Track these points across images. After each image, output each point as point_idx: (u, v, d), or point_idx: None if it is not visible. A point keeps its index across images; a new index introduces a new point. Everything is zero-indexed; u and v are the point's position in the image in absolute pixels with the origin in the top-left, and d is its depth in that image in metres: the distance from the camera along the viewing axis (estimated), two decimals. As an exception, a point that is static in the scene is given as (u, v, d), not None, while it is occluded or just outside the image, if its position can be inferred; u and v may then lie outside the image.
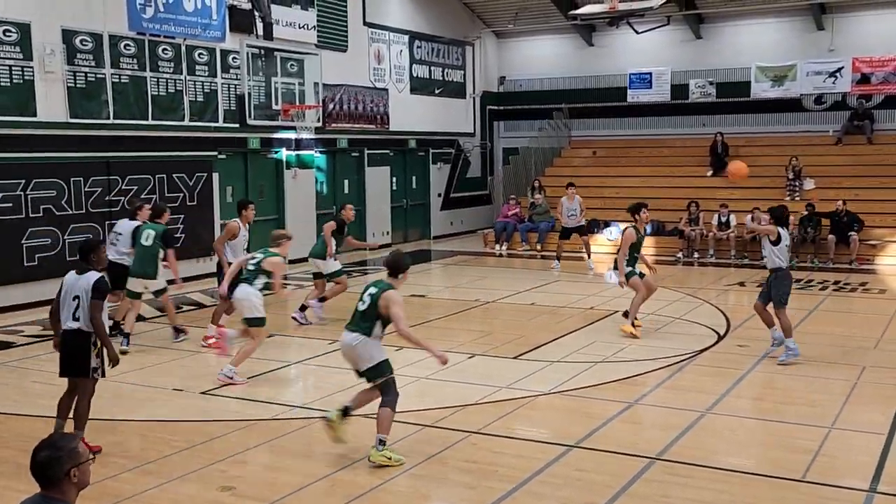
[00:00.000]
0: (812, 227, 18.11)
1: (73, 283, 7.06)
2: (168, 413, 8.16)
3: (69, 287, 7.06)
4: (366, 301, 6.85)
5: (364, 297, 6.89)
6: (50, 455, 3.41)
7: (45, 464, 3.40)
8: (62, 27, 13.91)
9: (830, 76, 22.04)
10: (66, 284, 7.11)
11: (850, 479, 6.40)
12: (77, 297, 6.96)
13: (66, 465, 3.41)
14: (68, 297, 7.02)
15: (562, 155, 25.01)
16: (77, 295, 6.96)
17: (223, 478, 6.46)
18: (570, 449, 6.97)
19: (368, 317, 6.81)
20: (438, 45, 23.68)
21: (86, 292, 6.92)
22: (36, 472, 3.43)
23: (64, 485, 3.41)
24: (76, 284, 7.02)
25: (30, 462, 3.45)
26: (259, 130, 17.26)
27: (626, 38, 22.99)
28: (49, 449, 3.44)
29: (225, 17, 16.21)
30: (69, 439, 3.51)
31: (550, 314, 12.83)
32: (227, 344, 9.73)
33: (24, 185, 13.40)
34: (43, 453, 3.43)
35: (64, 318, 7.03)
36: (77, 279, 7.06)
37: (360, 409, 7.10)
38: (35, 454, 3.44)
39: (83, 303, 6.93)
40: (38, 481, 3.44)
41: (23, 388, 9.17)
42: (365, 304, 6.84)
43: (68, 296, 7.03)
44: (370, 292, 6.85)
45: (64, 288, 7.10)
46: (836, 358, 9.97)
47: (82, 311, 6.93)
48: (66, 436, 3.55)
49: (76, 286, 7.01)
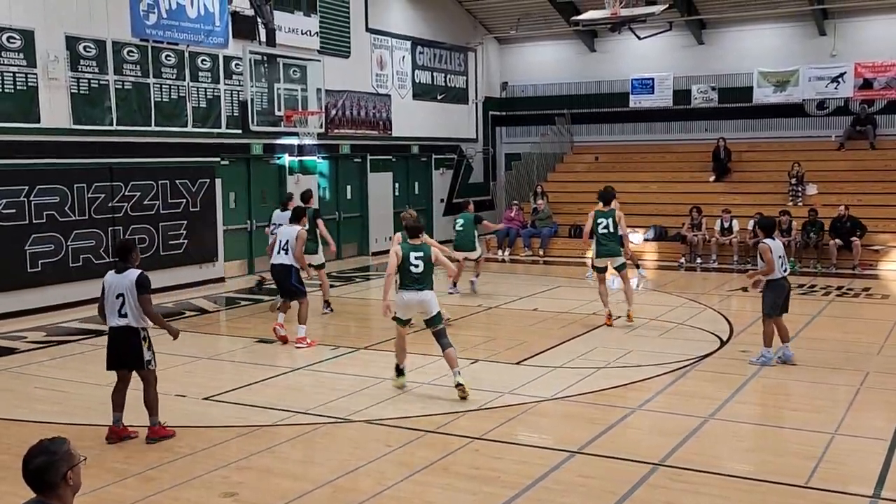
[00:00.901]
0: (814, 232, 18.10)
1: (114, 282, 7.41)
2: (170, 419, 8.15)
3: (110, 286, 7.41)
4: (419, 264, 8.68)
5: (414, 261, 8.66)
6: (46, 460, 3.39)
7: (41, 469, 3.38)
8: (66, 34, 13.95)
9: (833, 81, 22.04)
10: (106, 283, 7.46)
11: (854, 485, 6.38)
12: (121, 295, 7.34)
13: (62, 469, 3.40)
14: (111, 295, 7.38)
15: (564, 160, 25.03)
16: (121, 293, 7.34)
17: (225, 484, 6.45)
18: (572, 455, 6.96)
19: (429, 273, 8.77)
20: (441, 51, 23.72)
21: (129, 290, 7.30)
22: (32, 479, 3.39)
23: (61, 489, 3.40)
24: (118, 282, 7.38)
25: (23, 469, 3.40)
26: (262, 136, 17.28)
27: (628, 43, 23.00)
28: (43, 454, 3.41)
29: (228, 23, 16.25)
30: (60, 443, 3.49)
31: (553, 320, 12.82)
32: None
33: (28, 192, 13.43)
34: (38, 459, 3.40)
35: (109, 315, 7.40)
36: (118, 277, 7.41)
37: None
38: (29, 461, 3.41)
39: (129, 300, 7.31)
40: (34, 488, 3.39)
41: (26, 393, 9.17)
42: (419, 266, 8.67)
43: (111, 294, 7.38)
44: (418, 255, 8.70)
45: (105, 287, 7.44)
46: (839, 363, 9.95)
47: (129, 308, 7.32)
48: (55, 440, 3.52)
49: (119, 284, 7.37)
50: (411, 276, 8.73)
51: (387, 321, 12.59)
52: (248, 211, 17.86)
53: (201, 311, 14.06)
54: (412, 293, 8.73)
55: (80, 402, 8.78)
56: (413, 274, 8.71)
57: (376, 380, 9.35)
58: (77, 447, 3.56)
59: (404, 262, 8.70)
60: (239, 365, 10.49)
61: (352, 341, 11.37)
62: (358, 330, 12.19)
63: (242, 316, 13.83)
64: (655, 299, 14.92)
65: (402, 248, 8.77)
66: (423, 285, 8.74)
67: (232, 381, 9.53)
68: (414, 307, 8.84)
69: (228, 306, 14.75)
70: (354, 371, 9.83)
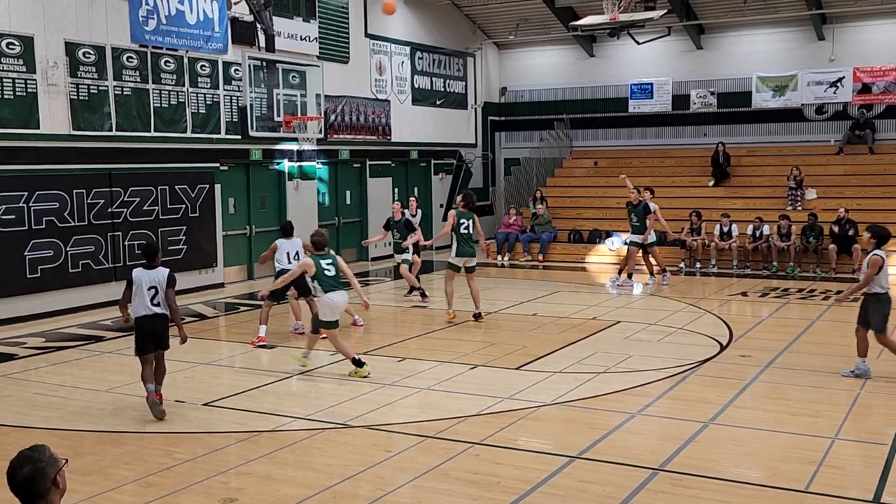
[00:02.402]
0: (814, 236, 18.10)
1: (145, 277, 8.44)
2: (170, 425, 8.15)
3: (141, 280, 8.43)
4: (330, 269, 9.68)
5: (326, 267, 9.65)
6: (34, 468, 3.33)
7: (31, 478, 3.31)
8: (65, 40, 13.97)
9: (831, 86, 22.09)
10: (137, 278, 8.46)
11: (854, 489, 6.37)
12: (153, 288, 8.42)
13: (51, 474, 3.36)
14: (143, 288, 8.40)
15: (563, 165, 25.05)
16: (153, 286, 8.41)
17: (225, 490, 6.45)
18: (572, 460, 6.96)
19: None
20: (440, 57, 23.75)
21: (160, 284, 8.42)
22: (21, 490, 3.32)
23: (51, 494, 3.37)
24: (150, 277, 8.44)
25: (10, 482, 3.31)
26: (261, 142, 17.30)
27: (626, 48, 23.05)
28: (29, 463, 3.33)
29: (227, 29, 16.28)
30: (42, 449, 3.43)
31: (552, 325, 12.82)
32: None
33: (27, 198, 13.44)
34: (25, 469, 3.31)
35: (139, 305, 8.41)
36: (148, 273, 8.47)
37: None
38: (15, 472, 3.32)
39: (161, 292, 8.41)
40: (23, 499, 3.32)
41: (25, 399, 9.16)
42: (331, 270, 9.65)
43: (142, 287, 8.40)
44: (328, 262, 9.72)
45: (136, 281, 8.45)
46: (839, 367, 9.93)
47: (160, 299, 8.42)
48: (36, 447, 3.46)
49: (151, 279, 8.43)
50: (331, 279, 9.69)
51: (388, 327, 12.58)
52: (247, 216, 17.87)
53: (201, 317, 14.05)
54: (339, 293, 9.72)
55: (80, 407, 8.77)
56: (331, 277, 9.71)
57: (376, 385, 9.35)
58: (71, 454, 3.53)
59: (319, 271, 9.66)
60: (238, 371, 10.49)
61: (352, 346, 11.36)
62: (358, 336, 12.19)
63: (242, 321, 13.83)
64: (655, 304, 14.93)
65: (313, 259, 9.75)
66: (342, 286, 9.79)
67: (231, 386, 9.52)
68: (341, 306, 9.82)
69: (228, 312, 14.75)
70: (354, 377, 9.82)
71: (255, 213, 17.99)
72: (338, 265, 9.82)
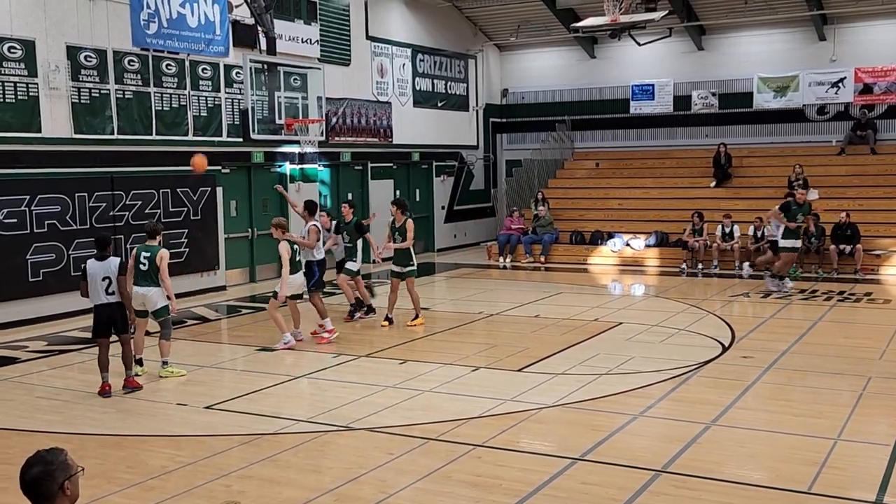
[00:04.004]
0: (816, 237, 18.09)
1: (98, 269, 9.08)
2: (171, 427, 8.16)
3: (96, 271, 9.07)
4: (145, 263, 9.90)
5: (142, 259, 9.77)
6: (43, 469, 3.36)
7: (38, 479, 3.34)
8: (67, 44, 13.99)
9: (833, 86, 22.08)
10: (91, 271, 9.09)
11: (856, 490, 6.37)
12: (107, 278, 9.05)
13: (59, 479, 3.37)
14: (97, 280, 9.04)
15: (565, 167, 25.05)
16: (106, 276, 9.05)
17: (227, 493, 6.45)
18: (574, 462, 6.95)
19: (152, 272, 9.99)
20: (441, 59, 23.76)
21: (113, 273, 9.05)
22: (28, 490, 3.35)
23: (58, 499, 3.37)
24: (103, 268, 9.07)
25: (20, 480, 3.36)
26: (262, 145, 17.31)
27: (628, 49, 23.04)
28: (39, 464, 3.36)
29: (228, 32, 16.27)
30: (57, 453, 3.46)
31: (554, 326, 12.81)
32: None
33: (29, 201, 13.45)
34: (35, 469, 3.35)
35: (95, 295, 9.11)
36: (101, 264, 9.09)
37: None
38: (25, 471, 3.36)
39: (114, 282, 9.05)
40: (31, 499, 3.35)
41: (28, 403, 9.17)
42: (145, 265, 9.84)
43: (97, 278, 9.04)
44: (146, 255, 9.85)
45: (90, 274, 9.09)
46: (841, 368, 9.94)
47: (115, 288, 9.08)
48: (52, 450, 3.49)
49: (104, 269, 9.06)
50: (140, 273, 9.91)
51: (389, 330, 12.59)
52: (249, 219, 17.87)
53: (203, 320, 14.06)
54: (137, 288, 9.94)
55: (82, 411, 8.78)
56: (140, 271, 9.90)
57: (378, 388, 9.35)
58: (74, 457, 3.54)
59: (136, 261, 9.94)
60: (240, 373, 10.50)
61: (353, 349, 11.37)
62: (359, 337, 12.19)
63: (244, 324, 13.84)
64: (657, 305, 14.92)
65: (137, 249, 10.05)
66: (147, 282, 9.89)
67: (233, 389, 9.53)
68: (138, 299, 9.92)
69: (230, 314, 14.76)
70: (356, 379, 9.83)
71: (257, 216, 17.99)
72: (154, 257, 9.99)
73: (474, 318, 13.73)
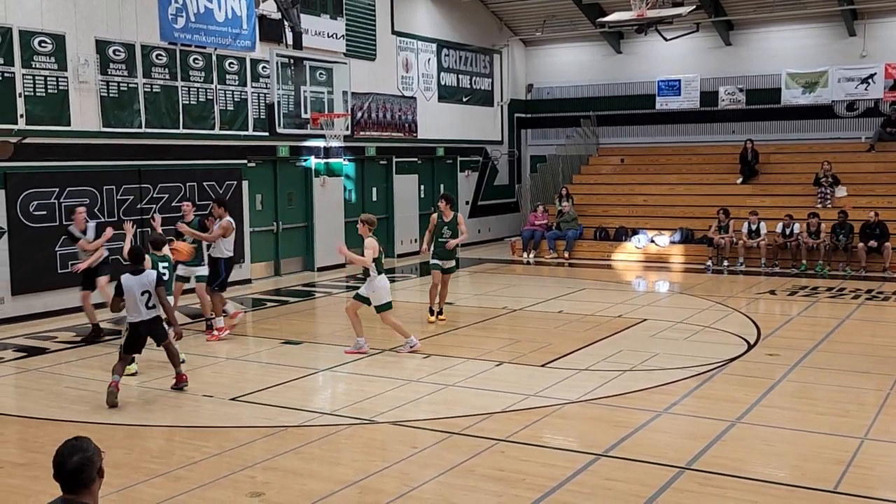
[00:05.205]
0: (844, 234, 17.91)
1: (136, 282, 8.70)
2: (197, 419, 8.24)
3: (132, 286, 8.69)
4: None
5: (162, 270, 9.52)
6: (83, 457, 3.40)
7: (80, 468, 3.38)
8: (96, 38, 14.13)
9: (862, 82, 21.80)
10: (127, 286, 8.70)
11: (883, 490, 6.31)
12: (146, 292, 8.70)
13: (97, 464, 3.43)
14: (136, 294, 8.67)
15: (589, 163, 24.95)
16: (145, 290, 8.69)
17: (252, 484, 6.50)
18: (598, 458, 6.94)
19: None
20: (466, 54, 23.74)
21: (151, 286, 8.71)
22: (69, 478, 3.37)
23: (96, 484, 3.43)
24: (140, 282, 8.70)
25: (58, 470, 3.38)
26: (288, 139, 17.39)
27: (654, 45, 22.91)
28: (79, 452, 3.40)
29: (255, 26, 16.37)
30: (86, 440, 3.51)
31: (578, 322, 12.79)
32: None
33: (59, 194, 13.61)
34: (75, 458, 3.38)
35: (135, 311, 8.71)
36: (137, 279, 8.72)
37: None
38: (64, 461, 3.38)
39: (153, 294, 8.73)
40: (68, 487, 3.37)
41: (57, 393, 9.29)
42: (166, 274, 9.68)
43: (135, 293, 8.67)
44: (164, 266, 9.78)
45: (126, 289, 8.69)
46: (868, 367, 9.84)
47: (155, 301, 8.75)
48: (81, 438, 3.54)
49: (141, 283, 8.70)
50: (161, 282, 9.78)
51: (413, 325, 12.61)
52: (274, 213, 17.98)
53: (227, 313, 14.12)
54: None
55: (110, 401, 8.87)
56: (162, 280, 9.61)
57: (402, 381, 9.39)
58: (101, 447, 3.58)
59: (155, 267, 9.62)
60: (265, 366, 10.56)
61: (378, 343, 11.41)
62: (383, 332, 12.22)
63: (269, 317, 13.92)
64: (682, 302, 14.84)
65: (151, 258, 9.68)
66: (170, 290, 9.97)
67: (258, 382, 9.59)
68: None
69: (255, 307, 14.85)
70: (380, 373, 9.86)
71: (283, 210, 18.09)
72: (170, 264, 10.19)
73: (498, 313, 13.73)
